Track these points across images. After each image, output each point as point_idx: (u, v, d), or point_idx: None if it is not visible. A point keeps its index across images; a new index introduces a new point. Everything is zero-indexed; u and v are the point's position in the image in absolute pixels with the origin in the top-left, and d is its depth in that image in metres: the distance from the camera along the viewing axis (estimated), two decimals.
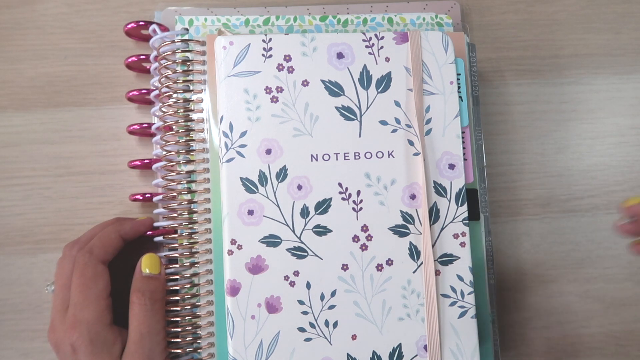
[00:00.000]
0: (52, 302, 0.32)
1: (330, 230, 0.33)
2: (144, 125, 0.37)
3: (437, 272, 0.33)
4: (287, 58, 0.33)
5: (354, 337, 0.32)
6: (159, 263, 0.33)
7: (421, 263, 0.33)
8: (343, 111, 0.33)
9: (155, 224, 0.36)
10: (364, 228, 0.33)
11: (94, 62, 0.39)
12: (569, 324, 0.40)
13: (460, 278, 0.33)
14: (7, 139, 0.38)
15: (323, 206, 0.33)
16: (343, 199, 0.33)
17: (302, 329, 0.32)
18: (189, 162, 0.35)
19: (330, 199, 0.33)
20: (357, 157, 0.33)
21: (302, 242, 0.32)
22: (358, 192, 0.33)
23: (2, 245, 0.38)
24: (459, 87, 0.35)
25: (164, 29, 0.36)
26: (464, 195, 0.34)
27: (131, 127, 0.37)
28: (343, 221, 0.33)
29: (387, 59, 0.34)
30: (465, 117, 0.35)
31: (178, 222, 0.34)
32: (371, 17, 0.38)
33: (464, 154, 0.34)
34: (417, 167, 0.33)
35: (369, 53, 0.34)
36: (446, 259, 0.33)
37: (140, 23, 0.37)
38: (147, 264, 0.33)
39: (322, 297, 0.32)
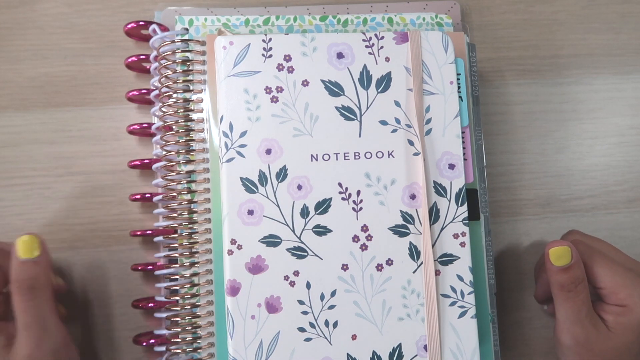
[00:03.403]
0: None
1: (330, 230, 0.33)
2: (144, 125, 0.37)
3: (437, 272, 0.33)
4: (287, 58, 0.33)
5: (354, 337, 0.32)
6: (37, 243, 0.30)
7: (421, 263, 0.33)
8: (343, 111, 0.33)
9: (156, 224, 0.36)
10: (364, 228, 0.33)
11: (94, 62, 0.39)
12: None
13: (460, 278, 0.33)
14: (7, 139, 0.38)
15: (323, 206, 0.33)
16: (343, 199, 0.33)
17: (302, 329, 0.32)
18: (189, 162, 0.35)
19: (330, 199, 0.33)
20: (357, 157, 0.33)
21: (302, 242, 0.32)
22: (358, 192, 0.33)
23: None
24: (459, 87, 0.35)
25: (164, 29, 0.36)
26: (464, 195, 0.34)
27: (131, 127, 0.37)
28: (343, 221, 0.33)
29: (387, 59, 0.34)
30: (465, 117, 0.35)
31: (178, 222, 0.34)
32: (371, 17, 0.38)
33: (464, 154, 0.34)
34: (417, 167, 0.33)
35: (369, 53, 0.34)
36: (446, 259, 0.33)
37: (140, 23, 0.37)
38: (22, 249, 0.29)
39: (322, 297, 0.32)
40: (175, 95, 0.35)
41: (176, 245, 0.34)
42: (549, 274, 0.33)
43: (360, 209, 0.33)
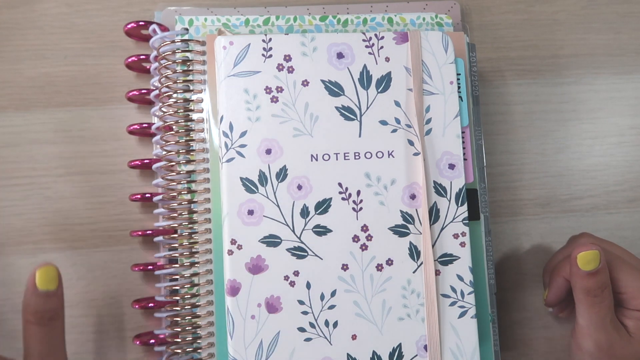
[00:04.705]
0: None
1: (330, 230, 0.33)
2: (144, 125, 0.37)
3: (437, 272, 0.33)
4: (287, 58, 0.33)
5: (354, 337, 0.32)
6: (56, 274, 0.29)
7: (421, 263, 0.33)
8: (343, 111, 0.33)
9: (156, 224, 0.36)
10: (364, 228, 0.33)
11: (94, 62, 0.39)
12: (570, 324, 0.40)
13: (460, 278, 0.33)
14: (7, 139, 0.38)
15: (323, 206, 0.33)
16: (343, 199, 0.33)
17: (302, 329, 0.32)
18: (189, 162, 0.35)
19: (330, 199, 0.33)
20: (357, 157, 0.33)
21: (302, 242, 0.32)
22: (358, 192, 0.33)
23: (2, 245, 0.38)
24: (459, 87, 0.35)
25: (164, 29, 0.36)
26: (464, 195, 0.34)
27: (131, 127, 0.37)
28: (343, 221, 0.33)
29: (387, 59, 0.34)
30: (465, 117, 0.35)
31: (178, 222, 0.34)
32: (371, 17, 0.38)
33: (464, 154, 0.34)
34: (417, 167, 0.33)
35: (369, 53, 0.34)
36: (446, 259, 0.33)
37: (140, 23, 0.37)
38: (43, 280, 0.28)
39: (322, 297, 0.32)
40: (175, 95, 0.35)
41: (176, 245, 0.34)
42: (575, 278, 0.32)
43: (360, 209, 0.33)
